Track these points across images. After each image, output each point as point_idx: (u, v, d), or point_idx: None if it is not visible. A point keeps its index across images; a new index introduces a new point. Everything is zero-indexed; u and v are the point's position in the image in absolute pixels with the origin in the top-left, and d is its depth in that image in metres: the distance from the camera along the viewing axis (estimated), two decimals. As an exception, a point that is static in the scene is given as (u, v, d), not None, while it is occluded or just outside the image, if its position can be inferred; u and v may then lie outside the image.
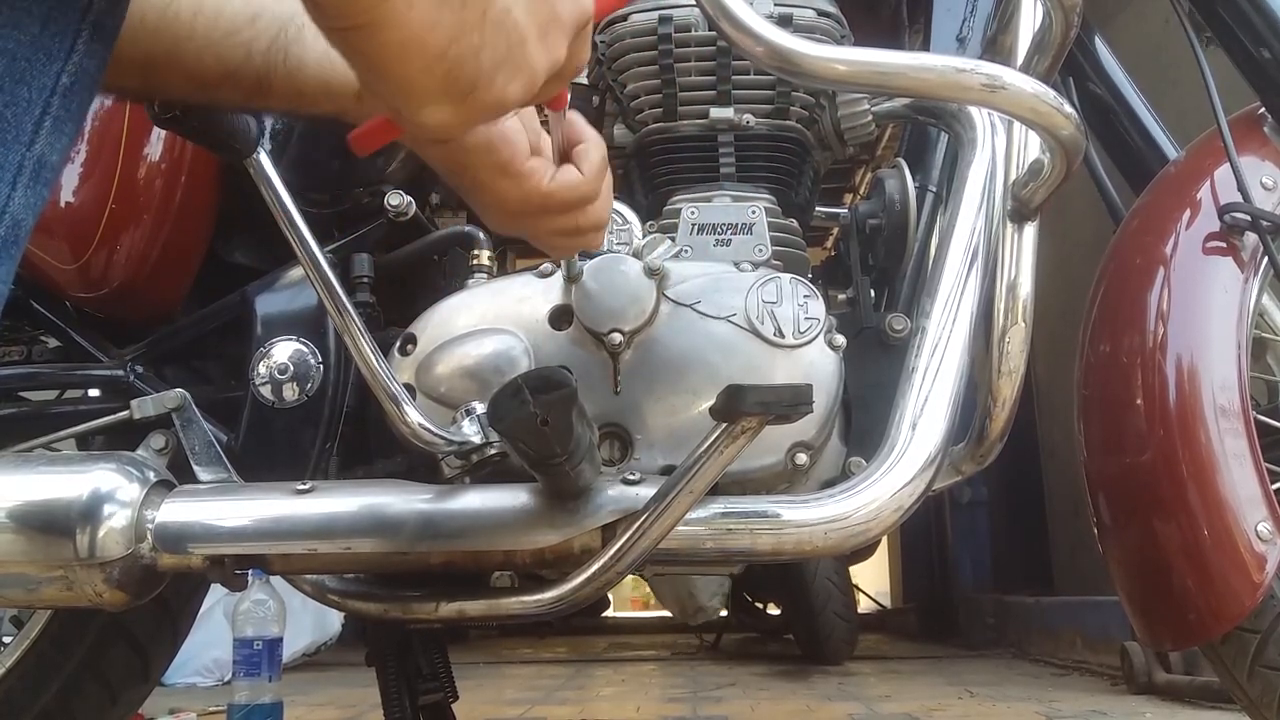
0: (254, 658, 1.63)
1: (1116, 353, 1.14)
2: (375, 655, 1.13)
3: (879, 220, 1.15)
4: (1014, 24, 1.15)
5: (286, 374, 1.06)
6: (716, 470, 0.84)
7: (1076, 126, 0.92)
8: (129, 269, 1.10)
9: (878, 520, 0.92)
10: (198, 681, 3.16)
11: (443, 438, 0.91)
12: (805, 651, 3.65)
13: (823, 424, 0.96)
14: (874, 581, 6.75)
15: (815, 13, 1.11)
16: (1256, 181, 1.16)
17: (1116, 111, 1.35)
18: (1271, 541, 1.04)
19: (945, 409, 0.97)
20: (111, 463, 0.94)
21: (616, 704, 2.61)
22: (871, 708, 2.40)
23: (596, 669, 3.65)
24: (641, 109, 1.13)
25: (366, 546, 0.91)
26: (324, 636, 3.73)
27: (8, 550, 0.90)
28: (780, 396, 0.78)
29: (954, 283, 1.03)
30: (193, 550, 0.92)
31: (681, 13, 1.10)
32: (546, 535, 0.90)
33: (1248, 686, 1.07)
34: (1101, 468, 1.15)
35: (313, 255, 0.94)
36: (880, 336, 1.06)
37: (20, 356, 1.18)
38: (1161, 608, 1.10)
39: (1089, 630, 3.18)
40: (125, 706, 1.33)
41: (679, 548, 0.91)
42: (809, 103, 1.13)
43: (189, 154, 1.10)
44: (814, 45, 0.88)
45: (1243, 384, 1.09)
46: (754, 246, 1.06)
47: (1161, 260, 1.15)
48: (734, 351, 0.97)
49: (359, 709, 2.51)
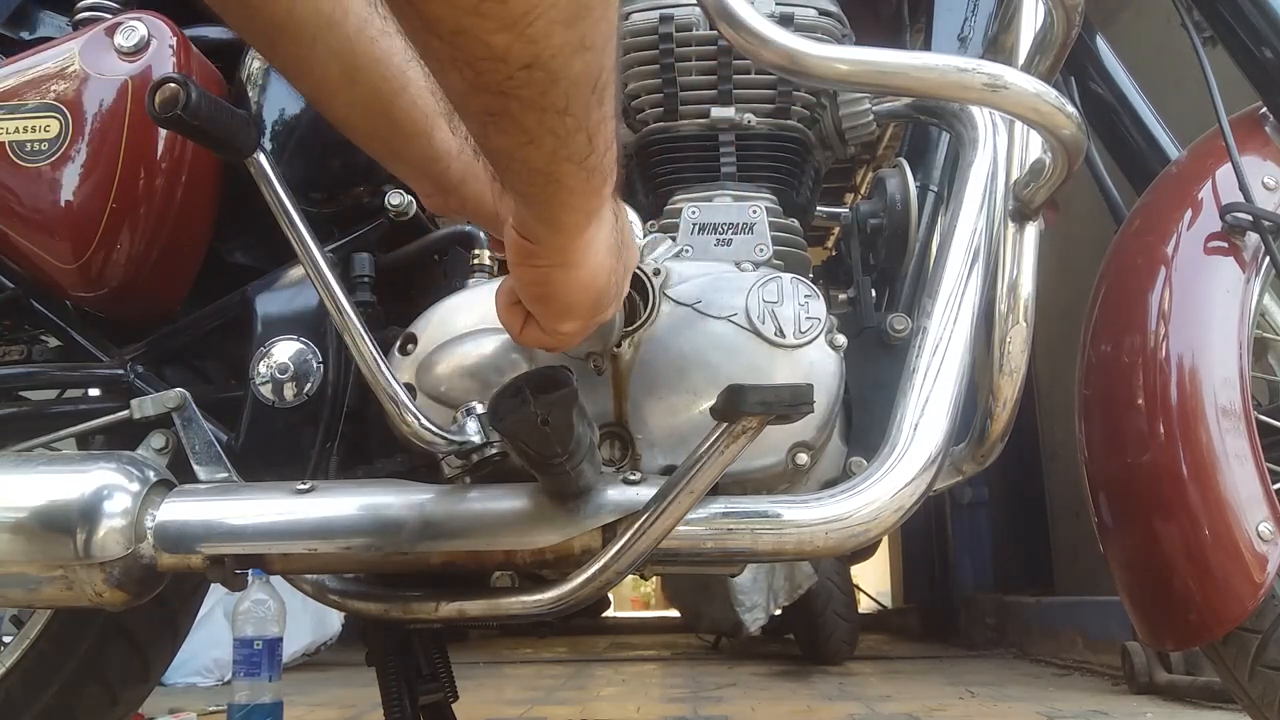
0: (254, 658, 1.63)
1: (1118, 353, 1.14)
2: (375, 655, 1.13)
3: (880, 220, 1.15)
4: (1015, 23, 1.15)
5: (286, 374, 1.06)
6: (717, 470, 0.84)
7: (1078, 126, 0.92)
8: (129, 269, 1.10)
9: (878, 520, 0.92)
10: (198, 681, 3.16)
11: (443, 437, 0.91)
12: (806, 651, 3.66)
13: (823, 424, 0.96)
14: (875, 581, 6.75)
15: (817, 12, 1.11)
16: (1258, 181, 1.16)
17: (1118, 111, 1.35)
18: (1273, 541, 1.03)
19: (946, 409, 0.97)
20: (111, 462, 0.94)
21: (617, 704, 2.61)
22: (872, 708, 2.40)
23: (597, 669, 3.65)
24: (642, 108, 1.13)
25: (366, 546, 0.91)
26: (324, 636, 3.73)
27: (8, 550, 0.90)
28: (781, 396, 0.78)
29: (955, 283, 1.03)
30: (193, 550, 0.92)
31: (682, 12, 1.10)
32: (547, 535, 0.90)
33: (1249, 687, 1.07)
34: (1103, 468, 1.15)
35: (312, 255, 0.94)
36: (881, 336, 1.06)
37: (20, 356, 1.18)
38: (1163, 608, 1.09)
39: (1090, 630, 3.18)
40: (125, 706, 1.34)
41: (679, 548, 0.91)
42: (810, 102, 1.13)
43: (189, 154, 1.10)
44: (815, 45, 0.88)
45: (1244, 384, 1.09)
46: (755, 246, 1.05)
47: (1163, 260, 1.15)
48: (735, 351, 0.96)
49: (359, 709, 2.51)
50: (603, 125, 0.64)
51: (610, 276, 0.78)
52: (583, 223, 0.71)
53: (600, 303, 0.79)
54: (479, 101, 0.59)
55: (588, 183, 0.67)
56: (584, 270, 0.74)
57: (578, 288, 0.75)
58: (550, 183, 0.66)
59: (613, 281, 0.78)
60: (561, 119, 0.60)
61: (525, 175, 0.66)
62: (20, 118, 1.09)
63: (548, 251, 0.72)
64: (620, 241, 0.79)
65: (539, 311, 0.79)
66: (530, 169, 0.65)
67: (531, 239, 0.72)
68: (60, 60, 1.10)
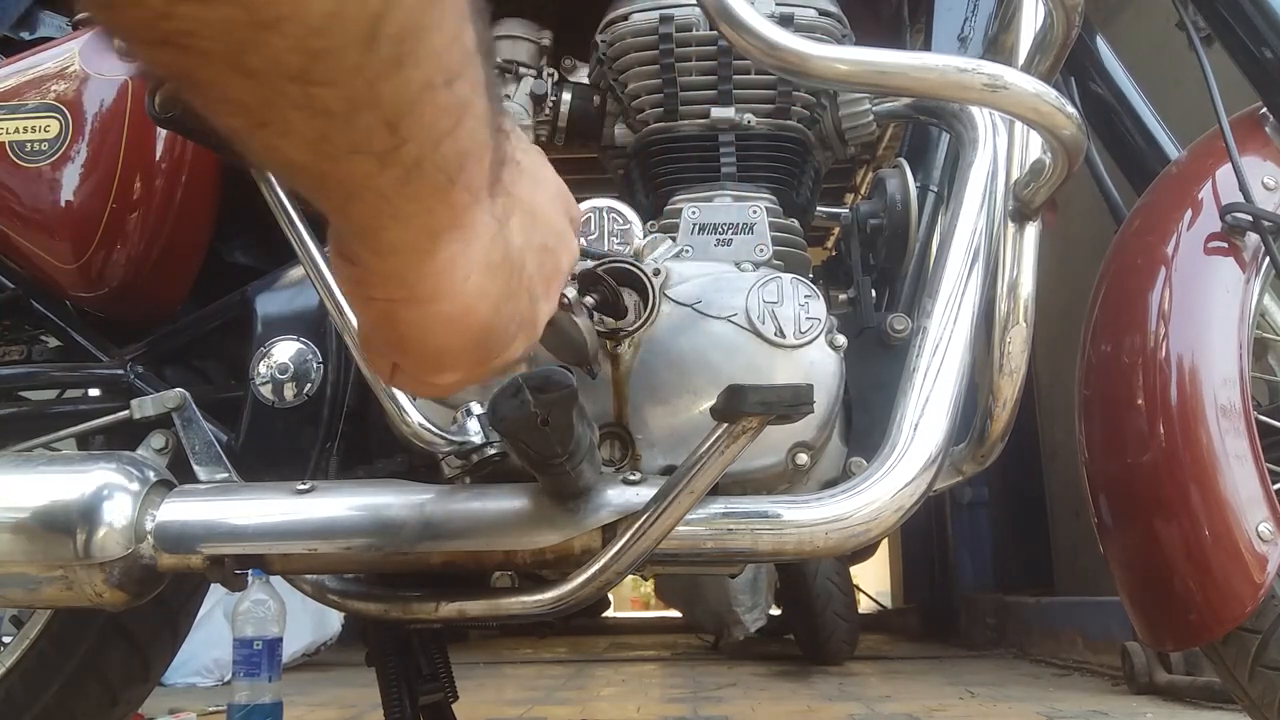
0: (254, 658, 1.63)
1: (1118, 353, 1.14)
2: (375, 655, 1.13)
3: (880, 220, 1.15)
4: (1015, 24, 1.15)
5: (287, 374, 1.06)
6: (717, 470, 0.84)
7: (1078, 126, 0.92)
8: (129, 269, 1.10)
9: (878, 521, 0.92)
10: (198, 681, 3.16)
11: (443, 437, 0.91)
12: (806, 652, 3.65)
13: (823, 424, 0.96)
14: (875, 582, 6.75)
15: (817, 12, 1.11)
16: (1258, 181, 1.16)
17: (1118, 111, 1.35)
18: (1272, 542, 1.03)
19: (946, 409, 0.97)
20: (111, 463, 0.94)
21: (617, 704, 2.61)
22: (872, 708, 2.40)
23: (597, 669, 3.65)
24: (642, 108, 1.13)
25: (366, 546, 0.91)
26: (324, 636, 3.73)
27: (8, 550, 0.90)
28: (781, 396, 0.78)
29: (955, 283, 1.03)
30: (193, 550, 0.92)
31: (683, 12, 1.10)
32: (547, 535, 0.90)
33: (1249, 687, 1.07)
34: (1103, 468, 1.15)
35: (312, 255, 0.94)
36: (881, 337, 1.06)
37: (20, 356, 1.18)
38: (1163, 608, 1.09)
39: (1090, 630, 3.18)
40: (125, 706, 1.34)
41: (679, 548, 0.91)
42: (810, 102, 1.13)
43: (189, 154, 1.10)
44: (815, 45, 0.88)
45: (1244, 384, 1.09)
46: (755, 246, 1.05)
47: (1163, 260, 1.15)
48: (735, 351, 0.96)
49: (359, 709, 2.51)
50: (421, 101, 0.42)
51: (501, 308, 0.53)
52: (423, 242, 0.47)
53: (488, 346, 0.54)
54: (151, 57, 0.37)
55: (410, 187, 0.44)
56: (448, 305, 0.49)
57: (443, 329, 0.50)
58: (334, 186, 0.44)
59: (511, 313, 0.54)
60: (306, 90, 0.38)
61: (289, 173, 0.44)
62: (20, 118, 1.09)
63: (380, 281, 0.48)
64: (516, 253, 0.54)
65: (398, 359, 0.55)
66: (289, 165, 0.43)
67: (353, 260, 0.49)
68: (60, 60, 1.11)
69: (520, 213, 0.55)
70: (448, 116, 0.44)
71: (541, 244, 0.58)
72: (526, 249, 0.56)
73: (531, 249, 0.56)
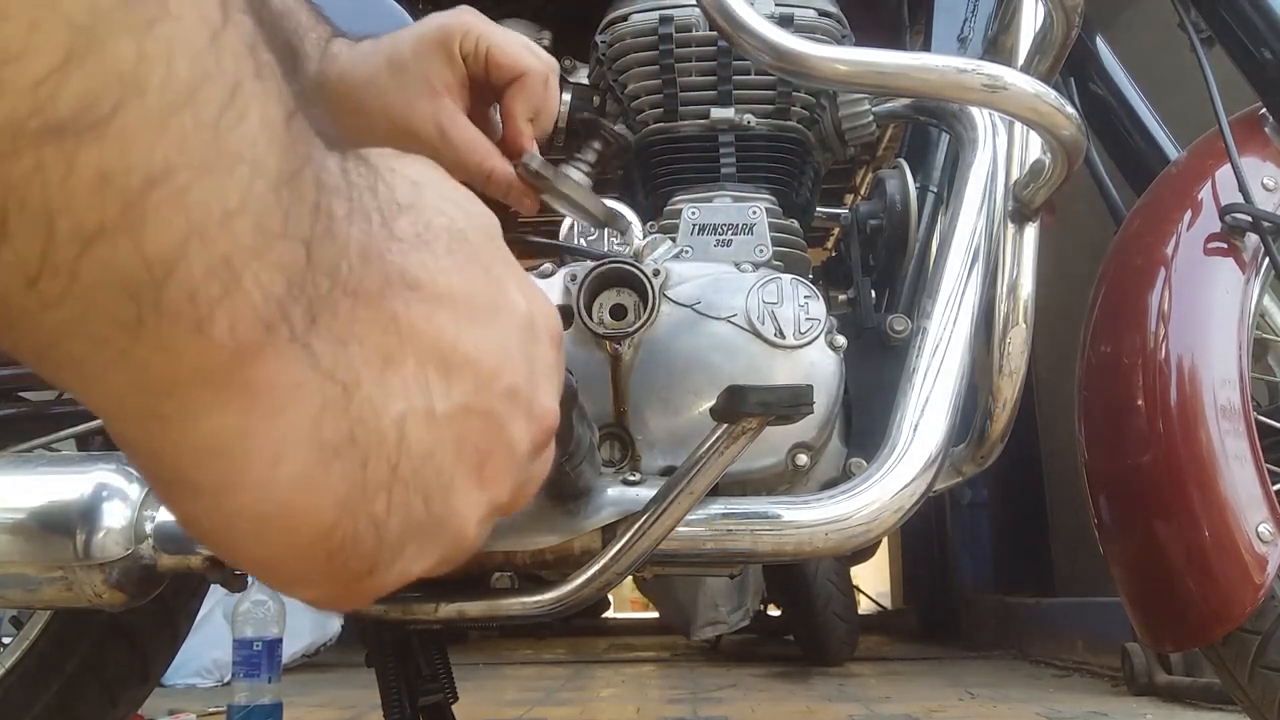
0: (254, 658, 1.63)
1: (1117, 353, 1.14)
2: (375, 656, 1.13)
3: (880, 221, 1.15)
4: (1015, 24, 1.15)
5: (286, 374, 1.06)
6: (717, 471, 0.84)
7: (1078, 127, 0.92)
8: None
9: (878, 521, 0.92)
10: (198, 682, 3.16)
11: (443, 438, 0.91)
12: (805, 652, 3.65)
13: (823, 425, 0.96)
14: (875, 582, 6.74)
15: (816, 13, 1.11)
16: (1257, 182, 1.16)
17: (1118, 112, 1.35)
18: (1272, 542, 1.03)
19: (946, 410, 0.97)
20: (111, 463, 0.94)
21: (616, 705, 2.61)
22: (872, 709, 2.40)
23: (596, 670, 3.65)
24: (642, 109, 1.13)
25: (366, 547, 0.90)
26: (324, 637, 3.72)
27: (8, 550, 0.90)
28: (781, 397, 0.78)
29: (955, 283, 1.03)
30: (192, 550, 0.92)
31: (682, 12, 1.10)
32: (546, 536, 0.90)
33: (1248, 688, 1.07)
34: (1102, 468, 1.15)
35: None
36: (881, 337, 1.06)
37: (20, 356, 1.18)
38: (1162, 609, 1.09)
39: (1090, 631, 3.18)
40: (125, 707, 1.34)
41: (679, 549, 0.91)
42: (810, 103, 1.13)
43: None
44: (815, 45, 0.88)
45: (1244, 385, 1.09)
46: (755, 247, 1.05)
47: (1162, 261, 1.15)
48: (735, 352, 0.96)
49: (359, 709, 2.51)
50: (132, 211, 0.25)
51: (358, 508, 0.33)
52: (165, 405, 0.29)
53: (348, 558, 0.33)
54: None
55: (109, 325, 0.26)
56: (250, 499, 0.31)
57: (255, 533, 0.32)
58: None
59: (383, 516, 0.33)
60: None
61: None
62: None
63: (145, 461, 0.31)
64: (384, 429, 0.33)
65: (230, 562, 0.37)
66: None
67: (112, 419, 0.31)
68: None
69: (398, 366, 0.33)
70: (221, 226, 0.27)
71: (462, 407, 0.35)
72: (416, 421, 0.34)
73: (435, 421, 0.35)
